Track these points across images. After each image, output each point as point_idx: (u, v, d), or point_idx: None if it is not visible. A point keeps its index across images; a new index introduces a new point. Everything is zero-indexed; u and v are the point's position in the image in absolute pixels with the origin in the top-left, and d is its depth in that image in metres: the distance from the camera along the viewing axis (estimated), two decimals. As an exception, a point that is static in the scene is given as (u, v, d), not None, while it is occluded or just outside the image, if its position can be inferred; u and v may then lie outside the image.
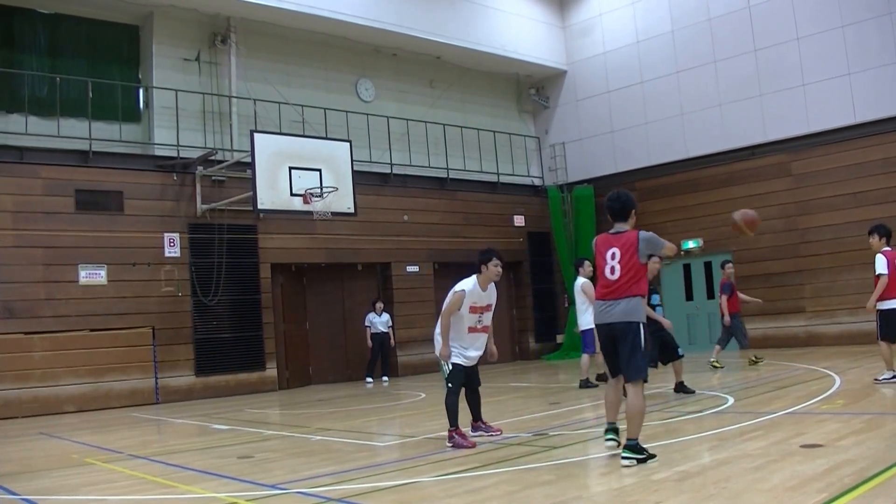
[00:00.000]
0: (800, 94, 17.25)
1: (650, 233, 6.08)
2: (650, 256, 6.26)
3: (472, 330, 7.37)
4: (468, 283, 7.36)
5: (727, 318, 13.40)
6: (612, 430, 6.25)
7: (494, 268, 7.39)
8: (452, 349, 7.32)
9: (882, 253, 9.39)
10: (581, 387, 11.51)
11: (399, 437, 8.51)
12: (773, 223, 17.64)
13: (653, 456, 5.71)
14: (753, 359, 13.50)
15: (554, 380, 14.70)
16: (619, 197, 6.37)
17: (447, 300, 7.37)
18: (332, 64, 18.51)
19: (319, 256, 17.23)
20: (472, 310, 7.32)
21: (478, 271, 7.45)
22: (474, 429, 7.74)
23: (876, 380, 9.41)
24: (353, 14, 17.29)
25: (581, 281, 11.73)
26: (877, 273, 9.31)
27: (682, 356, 10.24)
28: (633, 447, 5.68)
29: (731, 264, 14.13)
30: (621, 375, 6.03)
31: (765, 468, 5.14)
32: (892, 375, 9.26)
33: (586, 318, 11.23)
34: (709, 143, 18.79)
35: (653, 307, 9.87)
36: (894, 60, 15.99)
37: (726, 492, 4.63)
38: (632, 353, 5.86)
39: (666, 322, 10.03)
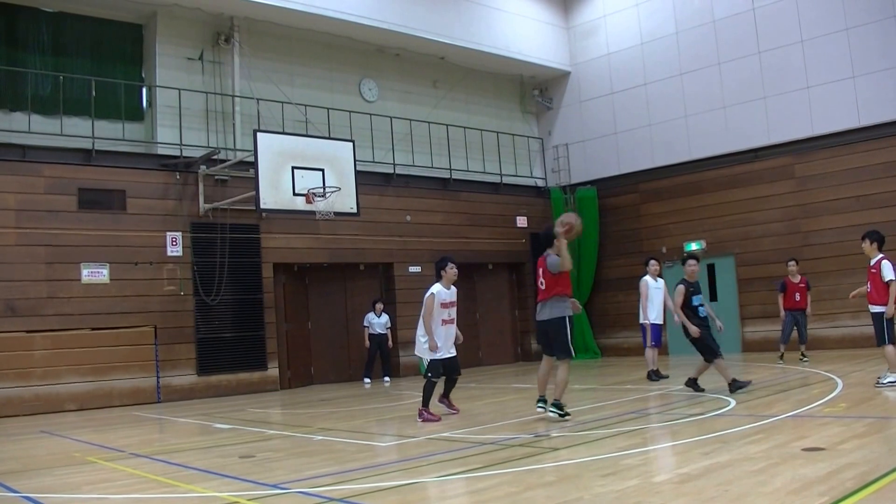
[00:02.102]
0: (804, 97, 17.23)
1: (554, 258, 8.17)
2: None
3: (444, 322, 9.21)
4: (435, 287, 9.28)
5: (781, 314, 14.29)
6: (542, 400, 8.53)
7: (451, 270, 9.30)
8: (428, 344, 9.12)
9: (887, 259, 9.48)
10: (649, 378, 12.29)
11: (401, 437, 8.50)
12: (776, 226, 17.64)
13: (568, 414, 8.07)
14: (803, 356, 14.05)
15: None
16: (545, 232, 8.57)
17: (424, 305, 9.15)
18: (335, 64, 18.52)
19: (322, 256, 17.23)
20: (443, 305, 9.19)
21: (438, 277, 9.36)
22: (440, 399, 9.64)
23: (878, 383, 9.39)
24: (356, 14, 17.29)
25: (643, 278, 12.35)
26: (886, 280, 9.32)
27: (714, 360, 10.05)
28: (558, 405, 8.00)
29: (792, 262, 14.44)
30: (552, 356, 8.34)
31: (766, 471, 5.13)
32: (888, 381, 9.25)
33: (646, 314, 12.17)
34: (712, 145, 18.77)
35: (694, 308, 10.07)
36: (899, 64, 16.00)
37: (728, 495, 4.62)
38: (556, 339, 8.10)
39: (692, 329, 9.87)
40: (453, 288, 9.38)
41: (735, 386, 9.71)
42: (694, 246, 18.97)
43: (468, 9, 19.64)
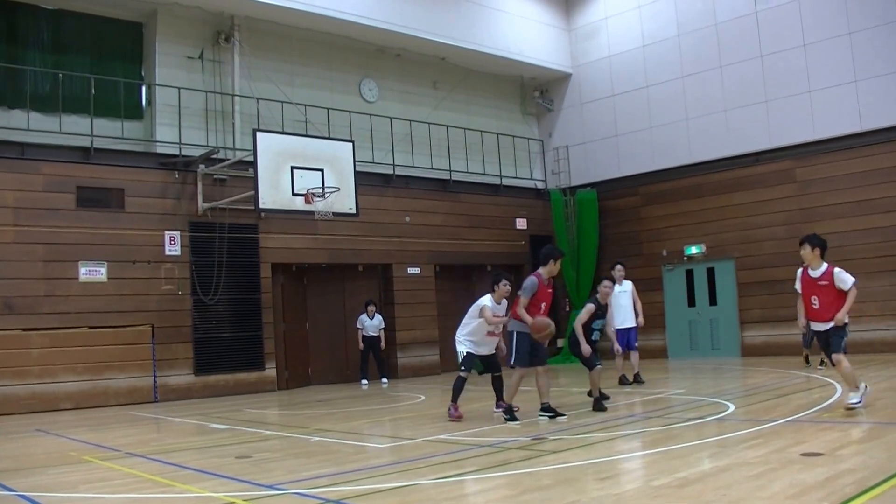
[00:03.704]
0: (805, 101, 17.20)
1: (531, 280, 8.65)
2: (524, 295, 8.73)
3: (489, 334, 9.42)
4: (487, 299, 9.37)
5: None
6: (542, 407, 8.82)
7: (504, 287, 9.40)
8: (468, 341, 9.42)
9: (839, 267, 8.46)
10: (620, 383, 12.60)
11: (398, 439, 8.48)
12: (777, 230, 17.59)
13: (561, 414, 8.47)
14: (807, 361, 13.74)
15: (554, 384, 14.61)
16: (545, 249, 8.86)
17: (474, 313, 9.40)
18: (335, 64, 18.49)
19: (320, 257, 17.20)
20: (494, 317, 9.31)
21: (491, 290, 9.42)
22: (497, 406, 9.58)
23: (847, 406, 7.95)
24: (357, 14, 17.25)
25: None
26: (847, 287, 8.22)
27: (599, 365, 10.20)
28: (546, 408, 8.37)
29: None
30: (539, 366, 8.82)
31: (765, 476, 5.11)
32: (860, 399, 7.92)
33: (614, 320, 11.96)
34: (713, 148, 18.74)
35: (593, 331, 10.12)
36: (901, 68, 15.96)
37: (726, 499, 4.59)
38: (509, 349, 8.89)
39: (585, 348, 9.74)
40: (504, 302, 9.46)
41: (594, 395, 9.95)
42: (694, 250, 18.97)
43: (469, 9, 19.61)
